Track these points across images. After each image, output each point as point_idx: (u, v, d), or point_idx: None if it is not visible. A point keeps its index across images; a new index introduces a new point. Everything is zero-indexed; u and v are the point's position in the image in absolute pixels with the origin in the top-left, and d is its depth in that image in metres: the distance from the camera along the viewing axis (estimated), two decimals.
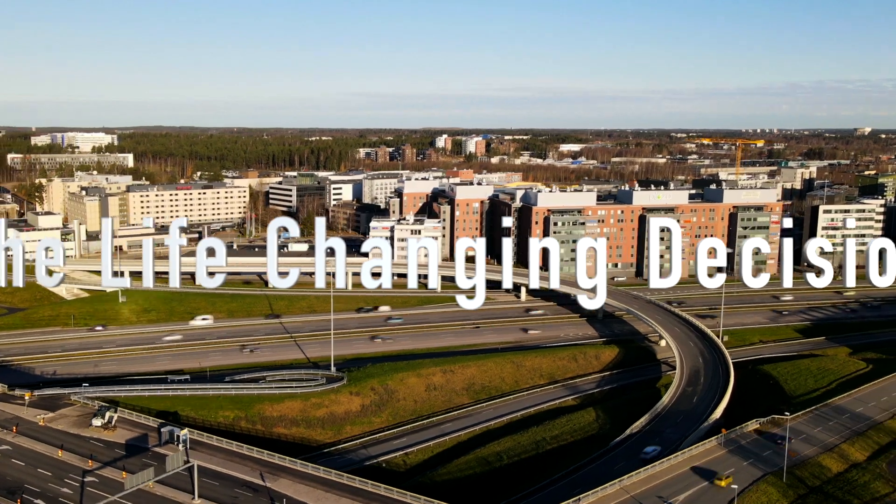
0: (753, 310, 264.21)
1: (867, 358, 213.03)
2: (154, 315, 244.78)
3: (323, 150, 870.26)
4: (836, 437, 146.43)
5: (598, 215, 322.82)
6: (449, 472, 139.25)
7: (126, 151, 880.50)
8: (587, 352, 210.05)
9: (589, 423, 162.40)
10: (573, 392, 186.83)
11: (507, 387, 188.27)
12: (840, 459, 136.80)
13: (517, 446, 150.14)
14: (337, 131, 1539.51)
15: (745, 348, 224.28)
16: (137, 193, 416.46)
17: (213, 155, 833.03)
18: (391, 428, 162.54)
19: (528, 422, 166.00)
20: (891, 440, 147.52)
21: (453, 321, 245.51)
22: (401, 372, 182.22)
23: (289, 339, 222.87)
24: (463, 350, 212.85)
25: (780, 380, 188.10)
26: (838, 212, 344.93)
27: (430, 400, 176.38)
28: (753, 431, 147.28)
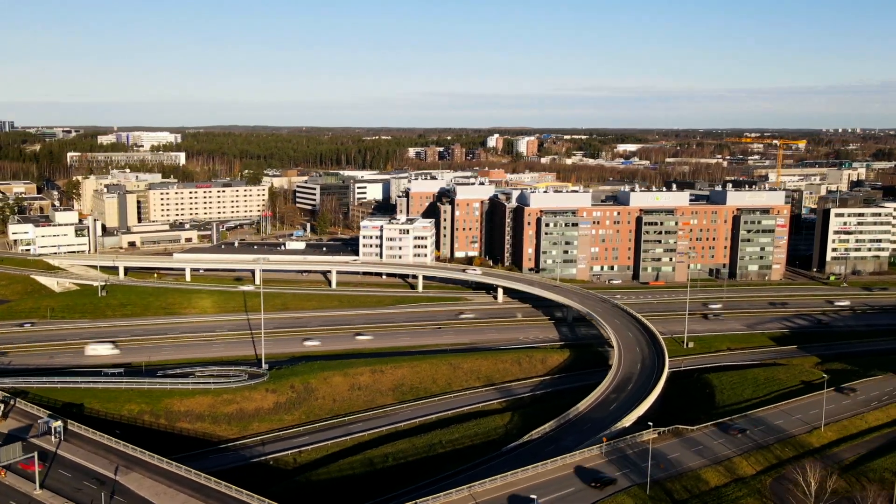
0: (735, 315, 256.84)
1: (831, 368, 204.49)
2: (129, 310, 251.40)
3: (370, 150, 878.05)
4: (734, 449, 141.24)
5: (592, 216, 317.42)
6: (329, 471, 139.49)
7: (184, 150, 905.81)
8: (534, 355, 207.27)
9: (496, 427, 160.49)
10: (504, 395, 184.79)
11: (437, 388, 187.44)
12: (725, 473, 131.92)
13: (410, 449, 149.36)
14: (404, 130, 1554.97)
15: (706, 355, 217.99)
16: (158, 191, 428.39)
17: (262, 154, 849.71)
18: (300, 426, 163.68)
19: (440, 424, 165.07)
20: (794, 454, 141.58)
21: (419, 321, 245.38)
22: (327, 371, 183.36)
23: (249, 336, 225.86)
24: (412, 350, 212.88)
25: (717, 389, 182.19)
26: (851, 215, 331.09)
27: (351, 399, 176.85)
28: (646, 441, 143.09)
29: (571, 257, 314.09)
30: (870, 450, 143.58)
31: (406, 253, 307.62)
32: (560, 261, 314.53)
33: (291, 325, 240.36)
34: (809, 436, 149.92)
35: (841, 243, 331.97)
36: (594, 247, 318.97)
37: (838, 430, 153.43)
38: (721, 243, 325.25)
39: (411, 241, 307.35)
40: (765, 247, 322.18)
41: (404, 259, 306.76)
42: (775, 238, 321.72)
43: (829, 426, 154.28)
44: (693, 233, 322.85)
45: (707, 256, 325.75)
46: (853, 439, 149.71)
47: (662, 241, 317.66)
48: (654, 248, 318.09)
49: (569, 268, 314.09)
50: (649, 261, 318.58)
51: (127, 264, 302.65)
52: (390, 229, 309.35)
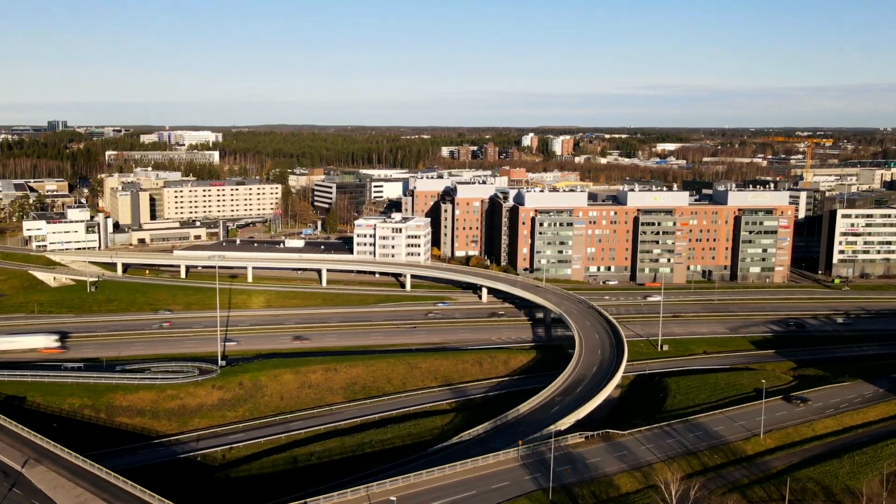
0: (719, 319, 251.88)
1: (804, 374, 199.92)
2: (115, 305, 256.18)
3: (402, 149, 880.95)
4: (660, 455, 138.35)
5: (588, 216, 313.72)
6: (249, 469, 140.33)
7: (223, 149, 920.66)
8: (497, 356, 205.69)
9: (432, 428, 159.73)
10: (457, 396, 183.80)
11: (391, 388, 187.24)
12: (640, 479, 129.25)
13: (339, 448, 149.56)
14: (449, 129, 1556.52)
15: (677, 359, 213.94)
16: (172, 189, 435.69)
17: (295, 153, 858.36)
18: (242, 422, 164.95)
19: (382, 424, 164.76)
20: (724, 461, 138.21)
21: (396, 320, 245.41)
22: (279, 368, 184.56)
23: (223, 332, 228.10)
24: (377, 349, 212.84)
25: (671, 393, 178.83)
26: (859, 216, 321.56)
27: (299, 397, 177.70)
28: (570, 446, 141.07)
29: (566, 257, 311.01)
30: (804, 458, 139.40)
31: (399, 252, 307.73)
32: (554, 261, 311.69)
33: (269, 322, 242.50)
34: (745, 443, 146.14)
35: (848, 245, 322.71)
36: (590, 247, 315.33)
37: (779, 438, 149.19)
38: (722, 244, 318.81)
39: (404, 240, 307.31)
40: (767, 248, 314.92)
41: (397, 258, 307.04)
42: (778, 240, 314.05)
43: (771, 434, 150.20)
44: (693, 233, 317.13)
45: (707, 258, 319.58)
46: (791, 447, 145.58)
47: (660, 241, 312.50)
48: (652, 248, 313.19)
49: (563, 268, 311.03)
50: (647, 262, 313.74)
51: (125, 261, 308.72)
52: (383, 228, 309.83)
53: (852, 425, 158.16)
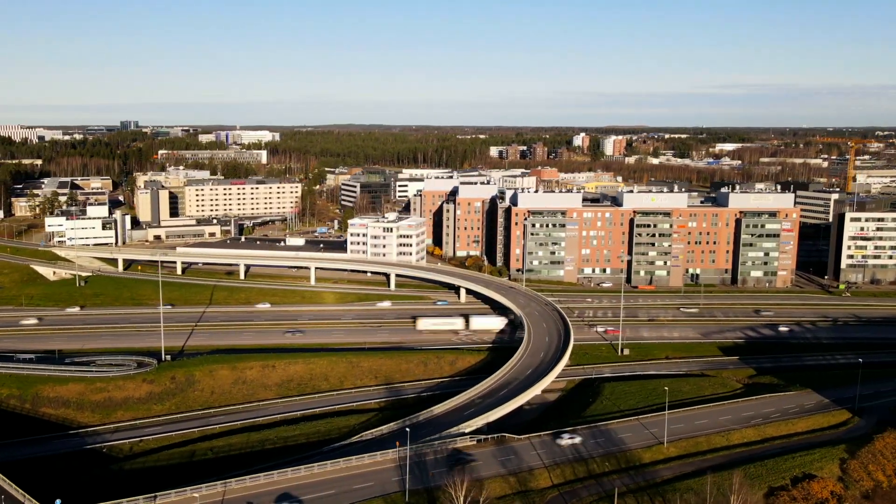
0: (698, 323, 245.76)
1: (757, 382, 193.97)
2: (100, 300, 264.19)
3: (447, 149, 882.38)
4: (548, 461, 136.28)
5: (583, 217, 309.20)
6: (145, 461, 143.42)
7: (274, 148, 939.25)
8: (444, 357, 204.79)
9: (343, 427, 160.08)
10: (390, 395, 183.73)
11: (327, 386, 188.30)
12: (514, 485, 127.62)
13: (241, 443, 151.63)
14: (509, 129, 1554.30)
15: (633, 363, 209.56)
16: (193, 188, 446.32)
17: (342, 152, 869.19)
18: (166, 416, 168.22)
19: (303, 421, 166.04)
20: (612, 469, 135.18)
21: (364, 319, 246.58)
22: (216, 364, 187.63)
23: (186, 327, 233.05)
24: (329, 347, 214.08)
25: (601, 397, 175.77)
26: (870, 220, 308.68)
27: (230, 393, 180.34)
28: (460, 448, 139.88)
29: (558, 259, 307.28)
30: (699, 468, 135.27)
31: (390, 251, 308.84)
32: (546, 262, 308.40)
33: (241, 318, 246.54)
34: (646, 451, 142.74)
35: (857, 250, 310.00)
36: (585, 249, 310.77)
37: (685, 447, 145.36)
38: (722, 248, 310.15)
39: (395, 240, 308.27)
40: (769, 252, 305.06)
41: (388, 257, 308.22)
42: (781, 243, 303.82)
43: (677, 442, 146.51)
44: (692, 236, 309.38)
45: (707, 261, 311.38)
46: (694, 457, 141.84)
47: (656, 243, 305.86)
48: (648, 251, 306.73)
49: (556, 269, 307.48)
50: (643, 264, 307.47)
51: (126, 256, 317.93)
52: (374, 227, 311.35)
53: (773, 436, 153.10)
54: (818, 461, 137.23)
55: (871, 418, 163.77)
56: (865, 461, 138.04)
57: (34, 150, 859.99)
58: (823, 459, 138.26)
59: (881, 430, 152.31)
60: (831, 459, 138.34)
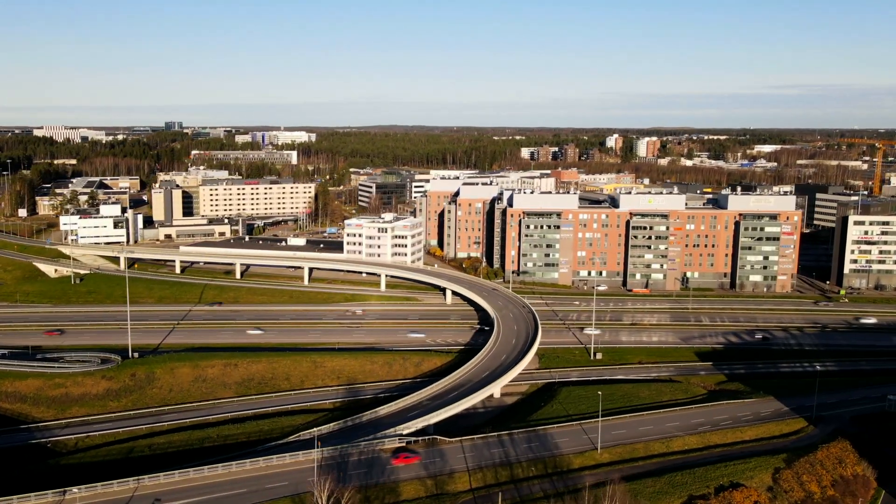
0: (680, 328, 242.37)
1: (723, 389, 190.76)
2: (92, 297, 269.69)
3: (477, 150, 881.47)
4: (473, 465, 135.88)
5: (579, 219, 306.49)
6: (83, 457, 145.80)
7: (307, 149, 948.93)
8: (410, 358, 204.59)
9: (285, 426, 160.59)
10: (349, 396, 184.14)
11: (287, 385, 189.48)
12: (429, 488, 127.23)
13: (184, 440, 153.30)
14: (549, 130, 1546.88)
15: (603, 368, 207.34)
16: (208, 187, 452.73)
17: (371, 152, 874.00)
18: (121, 412, 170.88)
19: (247, 419, 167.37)
20: (537, 474, 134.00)
21: (345, 319, 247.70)
22: (177, 362, 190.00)
23: (168, 325, 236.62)
24: (301, 347, 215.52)
25: (554, 401, 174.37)
26: (874, 223, 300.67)
27: (188, 391, 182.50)
28: (387, 450, 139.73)
29: (553, 261, 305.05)
30: (627, 475, 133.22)
31: (384, 252, 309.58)
32: (541, 264, 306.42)
33: (223, 317, 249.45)
34: (578, 456, 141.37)
35: (861, 255, 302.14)
36: (580, 251, 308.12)
37: (619, 454, 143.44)
38: (721, 251, 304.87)
39: (389, 241, 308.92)
40: (768, 255, 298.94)
41: (383, 258, 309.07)
42: (781, 247, 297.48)
43: (612, 448, 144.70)
44: (690, 239, 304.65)
45: (706, 264, 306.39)
46: (626, 463, 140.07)
47: (652, 246, 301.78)
48: (644, 253, 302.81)
49: (550, 272, 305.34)
50: (640, 267, 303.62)
51: (128, 255, 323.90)
52: (369, 228, 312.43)
53: (717, 444, 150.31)
54: (751, 470, 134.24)
55: (828, 427, 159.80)
56: (800, 471, 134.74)
57: (73, 150, 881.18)
58: (758, 468, 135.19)
59: (832, 440, 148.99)
60: (766, 469, 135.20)
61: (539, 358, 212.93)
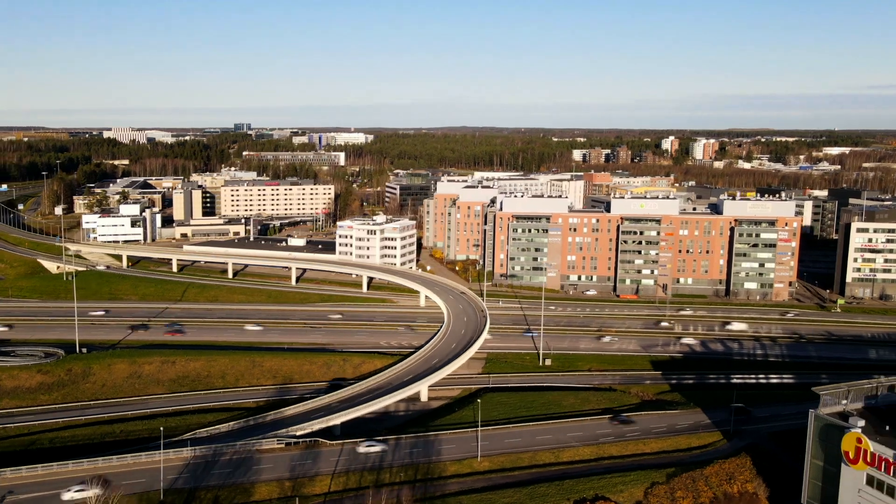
0: (648, 335, 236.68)
1: (662, 399, 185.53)
2: (80, 294, 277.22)
3: (524, 152, 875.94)
4: (343, 468, 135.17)
5: (569, 223, 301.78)
6: None
7: (357, 151, 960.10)
8: (351, 360, 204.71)
9: (190, 424, 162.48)
10: (279, 395, 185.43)
11: (221, 383, 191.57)
12: (285, 489, 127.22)
13: (88, 434, 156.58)
14: (621, 132, 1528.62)
15: (546, 374, 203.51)
16: (229, 188, 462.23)
17: (418, 154, 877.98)
18: (44, 406, 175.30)
19: (159, 416, 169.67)
20: (404, 480, 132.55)
21: (310, 320, 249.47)
22: (115, 358, 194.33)
23: (138, 321, 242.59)
24: (247, 346, 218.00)
25: (469, 407, 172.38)
26: (878, 231, 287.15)
27: (121, 386, 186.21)
28: (263, 450, 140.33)
29: (541, 265, 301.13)
30: (495, 484, 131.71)
31: (373, 254, 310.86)
32: (529, 268, 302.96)
33: (196, 315, 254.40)
34: (455, 463, 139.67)
35: (865, 263, 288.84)
36: (570, 255, 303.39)
37: (500, 462, 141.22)
38: (716, 257, 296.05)
39: (378, 242, 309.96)
40: (764, 263, 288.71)
41: (371, 259, 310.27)
42: (778, 254, 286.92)
43: (494, 457, 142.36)
44: (683, 245, 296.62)
45: (700, 271, 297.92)
46: (500, 472, 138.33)
47: (643, 252, 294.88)
48: (634, 259, 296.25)
49: (538, 276, 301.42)
50: (632, 272, 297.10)
51: (130, 253, 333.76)
52: (359, 230, 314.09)
53: (612, 455, 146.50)
54: (626, 484, 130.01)
55: (742, 442, 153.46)
56: (676, 487, 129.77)
57: (133, 151, 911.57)
58: (634, 483, 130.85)
59: (736, 455, 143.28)
60: (643, 483, 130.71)
61: (485, 362, 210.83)
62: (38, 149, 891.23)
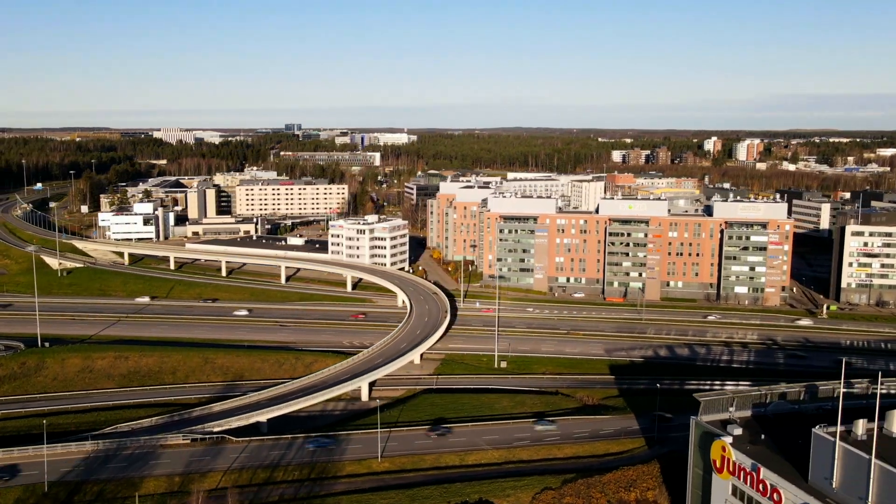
0: (606, 338, 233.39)
1: (605, 404, 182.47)
2: (71, 290, 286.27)
3: (560, 153, 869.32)
4: (238, 465, 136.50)
5: (556, 224, 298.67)
6: None
7: (396, 151, 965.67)
8: (303, 359, 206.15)
9: (125, 418, 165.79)
10: (223, 392, 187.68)
11: (172, 379, 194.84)
12: (173, 484, 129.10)
13: (15, 427, 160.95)
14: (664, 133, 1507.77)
15: (498, 376, 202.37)
16: (244, 188, 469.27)
17: (454, 154, 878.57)
18: None
19: (92, 410, 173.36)
20: (298, 478, 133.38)
21: (284, 318, 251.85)
22: (70, 352, 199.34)
23: (115, 318, 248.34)
24: (214, 343, 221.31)
25: (400, 407, 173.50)
26: (875, 234, 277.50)
27: (72, 381, 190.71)
28: (169, 445, 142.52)
29: (528, 266, 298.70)
30: (386, 485, 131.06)
31: (363, 253, 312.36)
32: (516, 269, 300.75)
33: (174, 311, 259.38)
34: (353, 463, 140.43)
35: (861, 268, 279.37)
36: (559, 257, 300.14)
37: (401, 463, 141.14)
38: (706, 260, 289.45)
39: (367, 242, 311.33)
40: (755, 266, 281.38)
41: (361, 259, 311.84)
42: (768, 257, 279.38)
43: (395, 458, 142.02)
44: (673, 247, 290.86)
45: (690, 274, 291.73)
46: (397, 473, 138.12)
47: (630, 254, 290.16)
48: (622, 261, 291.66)
49: (525, 277, 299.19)
50: (620, 275, 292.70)
51: (132, 251, 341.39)
52: (349, 229, 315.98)
53: (521, 459, 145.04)
54: (516, 489, 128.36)
55: (663, 449, 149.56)
56: (566, 493, 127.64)
57: (176, 151, 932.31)
58: (526, 488, 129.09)
59: (648, 461, 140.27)
60: (533, 488, 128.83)
61: (441, 363, 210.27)
62: (87, 149, 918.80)
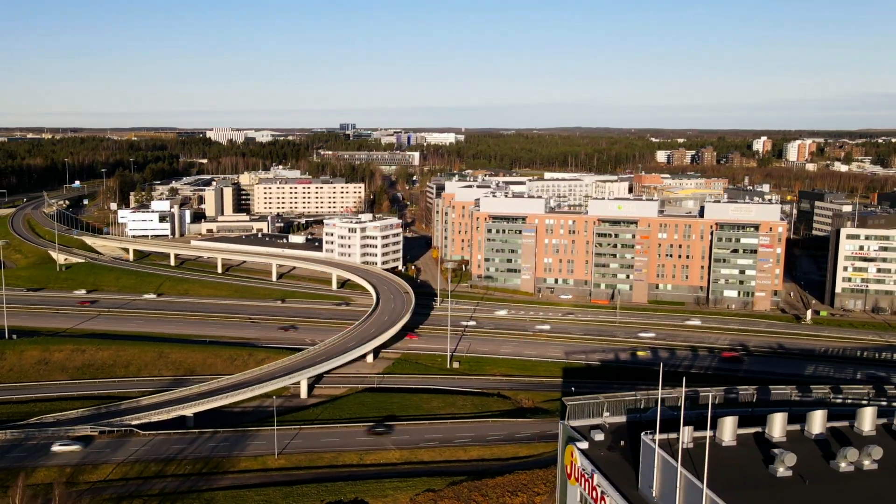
0: (568, 342, 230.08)
1: (541, 407, 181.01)
2: (67, 284, 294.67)
3: (600, 153, 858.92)
4: (134, 458, 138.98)
5: (545, 224, 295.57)
6: None
7: (433, 151, 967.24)
8: (256, 355, 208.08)
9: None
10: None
11: (124, 372, 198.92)
12: (64, 474, 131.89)
13: None
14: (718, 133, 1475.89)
15: (446, 376, 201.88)
16: (262, 186, 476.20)
17: (492, 154, 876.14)
18: None
19: (50, 399, 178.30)
20: (189, 472, 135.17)
21: (257, 315, 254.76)
22: (29, 345, 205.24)
23: (94, 311, 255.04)
24: (184, 338, 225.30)
25: (331, 405, 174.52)
26: (871, 238, 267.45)
27: (27, 372, 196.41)
28: (79, 438, 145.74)
29: (515, 267, 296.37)
30: (273, 481, 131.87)
31: (354, 252, 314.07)
32: (503, 270, 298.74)
33: (155, 307, 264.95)
34: (249, 459, 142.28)
35: (856, 272, 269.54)
36: (547, 257, 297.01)
37: (297, 461, 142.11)
38: (697, 263, 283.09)
39: (358, 241, 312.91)
40: (744, 270, 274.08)
41: (352, 258, 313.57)
42: (759, 260, 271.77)
43: (293, 455, 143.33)
44: (662, 249, 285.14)
45: (680, 276, 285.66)
46: (291, 470, 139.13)
47: (618, 255, 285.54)
48: (609, 262, 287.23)
49: (513, 277, 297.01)
50: (608, 277, 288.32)
51: (136, 247, 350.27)
52: (341, 227, 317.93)
53: (423, 460, 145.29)
54: (395, 489, 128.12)
55: None
56: (445, 496, 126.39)
57: (223, 150, 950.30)
58: (407, 489, 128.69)
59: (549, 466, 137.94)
60: (414, 490, 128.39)
61: (393, 362, 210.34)
62: (138, 148, 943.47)
